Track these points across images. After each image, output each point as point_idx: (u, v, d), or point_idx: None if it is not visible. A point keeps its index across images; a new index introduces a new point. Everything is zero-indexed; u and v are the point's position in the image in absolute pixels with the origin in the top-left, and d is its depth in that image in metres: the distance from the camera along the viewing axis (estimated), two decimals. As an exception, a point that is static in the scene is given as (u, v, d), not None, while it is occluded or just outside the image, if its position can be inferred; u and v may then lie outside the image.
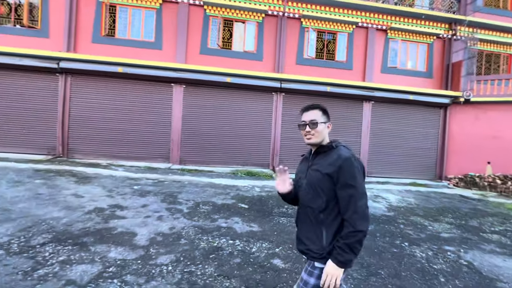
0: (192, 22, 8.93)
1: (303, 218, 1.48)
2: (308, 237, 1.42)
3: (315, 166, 1.44)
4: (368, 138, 9.68)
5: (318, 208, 1.37)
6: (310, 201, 1.41)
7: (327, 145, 1.45)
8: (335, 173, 1.32)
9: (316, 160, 1.46)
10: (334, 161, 1.34)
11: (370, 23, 9.68)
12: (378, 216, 5.19)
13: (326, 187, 1.35)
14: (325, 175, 1.35)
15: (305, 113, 1.49)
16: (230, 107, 8.97)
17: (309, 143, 1.48)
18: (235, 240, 3.53)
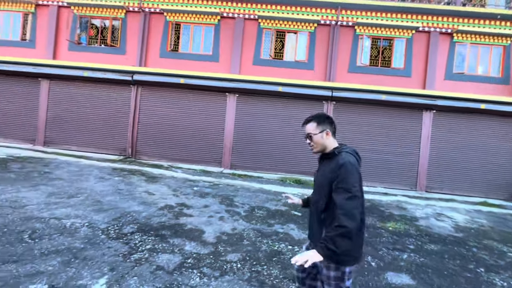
0: (246, 35, 9.47)
1: (311, 216, 1.68)
2: (313, 232, 1.64)
3: (321, 170, 1.63)
4: (428, 150, 8.92)
5: (320, 208, 1.54)
6: (316, 201, 1.60)
7: (330, 152, 1.58)
8: (334, 178, 1.45)
9: (322, 166, 1.65)
10: (335, 167, 1.47)
11: (433, 26, 9.03)
12: (444, 236, 4.78)
13: (327, 191, 1.49)
14: (327, 180, 1.50)
15: (304, 126, 1.67)
16: (280, 116, 9.18)
17: (314, 152, 1.67)
18: (294, 246, 3.64)
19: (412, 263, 3.51)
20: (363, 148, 9.02)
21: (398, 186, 8.97)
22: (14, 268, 2.37)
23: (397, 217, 5.72)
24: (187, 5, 9.52)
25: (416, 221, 5.58)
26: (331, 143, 1.64)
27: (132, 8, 9.72)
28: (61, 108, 9.71)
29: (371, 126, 9.03)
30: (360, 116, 9.06)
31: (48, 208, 3.99)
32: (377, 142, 9.00)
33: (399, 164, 9.00)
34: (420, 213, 6.28)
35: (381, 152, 8.99)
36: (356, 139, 9.04)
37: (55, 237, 3.08)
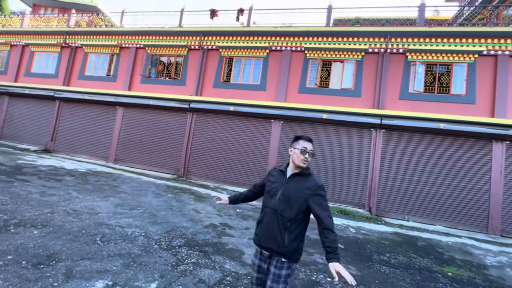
0: (293, 66, 9.96)
1: (271, 221, 1.81)
2: (274, 238, 1.78)
3: (293, 184, 1.84)
4: (501, 187, 7.70)
5: (288, 217, 1.77)
6: (282, 211, 1.79)
7: (305, 172, 1.86)
8: (313, 195, 1.77)
9: (294, 180, 1.85)
10: (312, 186, 1.80)
11: (500, 49, 8.22)
12: (523, 292, 4.00)
13: (299, 203, 1.77)
14: (303, 195, 1.78)
15: (309, 143, 1.88)
16: (325, 143, 9.12)
17: (302, 166, 1.84)
18: (333, 279, 3.50)
19: (475, 318, 3.04)
20: (416, 180, 8.29)
21: (463, 227, 7.82)
22: (88, 264, 2.86)
23: (459, 262, 5.00)
24: (239, 41, 10.57)
25: (484, 269, 4.79)
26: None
27: (193, 47, 11.20)
28: (130, 131, 11.34)
29: (426, 157, 8.28)
30: (414, 145, 8.43)
31: (115, 217, 4.65)
32: (433, 174, 8.16)
33: (464, 201, 7.92)
34: (491, 261, 5.36)
35: (438, 185, 8.10)
36: (408, 169, 8.38)
37: (119, 242, 3.59)
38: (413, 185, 8.31)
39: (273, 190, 1.90)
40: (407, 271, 4.21)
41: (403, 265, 4.43)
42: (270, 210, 1.86)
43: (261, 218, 1.91)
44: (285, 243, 1.76)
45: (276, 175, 1.97)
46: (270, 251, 1.82)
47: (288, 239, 1.77)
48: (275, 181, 1.93)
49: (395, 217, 8.28)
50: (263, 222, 1.88)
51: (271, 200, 1.88)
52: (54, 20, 14.76)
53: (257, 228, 1.94)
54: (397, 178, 8.43)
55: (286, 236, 1.77)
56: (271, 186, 1.92)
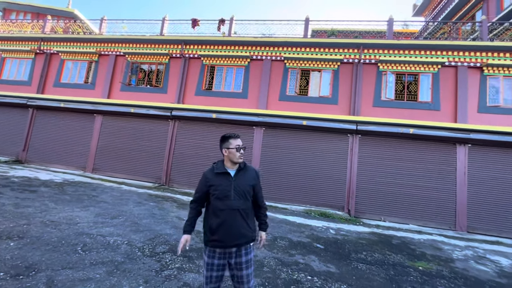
0: (273, 74, 10.31)
1: (235, 219, 1.95)
2: (242, 232, 1.96)
3: (240, 179, 2.04)
4: (465, 187, 8.37)
5: (247, 208, 2.02)
6: (241, 205, 1.98)
7: (244, 165, 2.12)
8: (255, 180, 2.11)
9: (239, 176, 2.05)
10: (254, 175, 2.13)
11: (460, 61, 9.06)
12: (483, 281, 4.40)
13: (251, 193, 2.07)
14: (251, 185, 2.07)
15: (239, 139, 2.11)
16: (305, 148, 9.45)
17: (239, 162, 2.07)
18: (313, 277, 3.69)
19: (440, 305, 3.34)
20: (390, 182, 8.79)
21: (434, 225, 8.37)
22: (70, 274, 2.84)
23: (429, 257, 5.38)
24: (221, 50, 10.80)
25: (451, 263, 5.19)
26: None
27: (174, 55, 11.27)
28: (109, 139, 11.08)
29: (399, 160, 8.84)
30: (387, 150, 8.97)
31: (96, 226, 4.58)
32: (406, 176, 8.72)
33: (433, 201, 8.50)
34: (458, 255, 5.81)
35: (410, 186, 8.65)
36: (383, 172, 8.87)
37: (101, 251, 3.56)
38: (388, 187, 8.80)
39: (223, 192, 1.94)
40: (382, 267, 4.49)
41: (378, 262, 4.71)
42: (228, 211, 1.91)
43: (219, 222, 1.90)
44: (252, 228, 2.04)
45: (216, 178, 2.01)
46: (239, 245, 1.94)
47: (251, 224, 2.05)
48: (220, 183, 1.97)
49: (372, 218, 8.69)
50: (224, 226, 1.89)
51: (224, 202, 1.93)
52: (28, 26, 14.24)
53: (213, 235, 1.91)
54: (373, 180, 8.89)
55: (249, 224, 2.02)
56: (218, 190, 1.95)
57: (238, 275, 1.94)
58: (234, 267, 1.94)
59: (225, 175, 2.02)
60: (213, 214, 1.95)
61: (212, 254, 1.94)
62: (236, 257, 1.94)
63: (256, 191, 2.13)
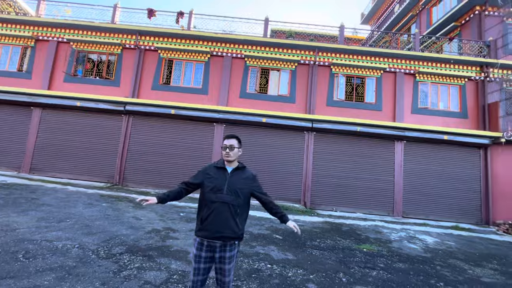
0: (234, 71, 10.37)
1: (223, 213, 2.03)
2: (229, 226, 2.02)
3: (235, 177, 2.15)
4: (401, 178, 9.62)
5: (237, 205, 2.07)
6: (232, 201, 2.05)
7: (241, 166, 2.24)
8: (251, 183, 2.19)
9: (235, 174, 2.17)
10: (250, 176, 2.22)
11: (398, 68, 10.29)
12: (413, 256, 5.19)
13: (244, 192, 2.13)
14: (246, 185, 2.15)
15: (226, 139, 2.20)
16: (265, 145, 9.78)
17: (227, 160, 2.17)
18: (272, 265, 3.94)
19: (379, 279, 3.87)
20: (341, 175, 9.63)
21: (377, 212, 9.45)
22: (13, 283, 2.58)
23: (372, 240, 6.11)
24: (180, 44, 10.45)
25: (389, 243, 5.98)
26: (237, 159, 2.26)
27: (128, 45, 10.54)
28: (51, 136, 9.92)
29: (348, 155, 9.75)
30: (338, 146, 9.80)
31: (39, 231, 4.15)
32: (354, 169, 9.66)
33: (376, 191, 9.58)
34: (395, 236, 6.71)
35: (358, 179, 9.61)
36: (335, 167, 9.68)
37: (48, 256, 3.28)
38: (339, 180, 9.64)
39: (217, 186, 2.09)
40: (333, 251, 4.98)
41: (330, 247, 5.20)
42: (219, 203, 2.04)
43: (209, 213, 2.05)
44: (239, 227, 2.07)
45: (215, 172, 2.17)
46: (225, 239, 2.03)
47: (240, 223, 2.09)
48: (217, 177, 2.14)
49: (325, 208, 9.44)
50: (212, 217, 2.03)
51: (216, 195, 2.07)
52: None
53: (202, 224, 2.06)
54: (326, 174, 9.64)
55: (238, 221, 2.07)
56: (214, 183, 2.11)
57: (221, 267, 2.04)
58: (218, 260, 2.04)
59: (223, 170, 2.18)
60: (205, 205, 2.09)
61: (200, 247, 2.03)
62: (220, 251, 2.03)
63: (258, 194, 2.21)
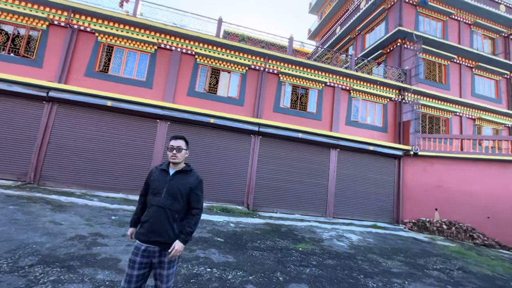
0: (183, 68, 9.94)
1: (160, 217, 1.96)
2: (165, 231, 1.94)
3: (177, 180, 2.05)
4: (334, 182, 10.67)
5: (175, 210, 1.99)
6: (170, 205, 1.97)
7: (187, 169, 2.13)
8: (194, 188, 2.07)
9: (178, 177, 2.07)
10: (194, 181, 2.09)
11: (337, 83, 11.44)
12: (340, 253, 5.79)
13: (184, 197, 2.04)
14: (187, 189, 2.04)
15: (174, 140, 2.11)
16: (211, 146, 9.62)
17: (174, 162, 2.08)
18: (212, 269, 3.88)
19: (312, 275, 4.19)
20: (283, 178, 10.15)
21: (312, 213, 10.25)
22: None
23: (307, 240, 6.59)
24: (123, 30, 9.51)
25: (321, 242, 6.55)
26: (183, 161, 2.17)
27: (57, 22, 9.08)
28: None
29: (290, 160, 10.35)
30: (282, 150, 10.32)
31: None
32: (294, 173, 10.30)
33: (313, 194, 10.40)
34: (326, 236, 7.37)
35: (297, 182, 10.28)
36: (277, 170, 10.14)
37: None
38: (281, 183, 10.13)
39: (157, 189, 2.01)
40: (272, 251, 5.18)
41: (269, 248, 5.41)
42: (156, 207, 1.96)
43: (148, 217, 1.97)
44: (176, 233, 1.98)
45: (158, 174, 2.08)
46: (161, 244, 1.93)
47: (178, 229, 2.00)
48: (158, 179, 2.05)
49: (267, 210, 9.79)
50: (150, 220, 1.95)
51: (155, 198, 1.99)
52: None
53: (141, 228, 1.99)
54: (269, 177, 10.02)
55: (175, 227, 1.99)
56: (155, 185, 2.03)
57: (160, 273, 1.95)
58: (157, 265, 1.95)
59: (165, 173, 2.08)
60: (146, 209, 2.04)
61: (136, 251, 1.93)
62: (160, 256, 1.95)
63: (192, 197, 2.09)
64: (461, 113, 13.23)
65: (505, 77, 14.61)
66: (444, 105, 12.88)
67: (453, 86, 13.53)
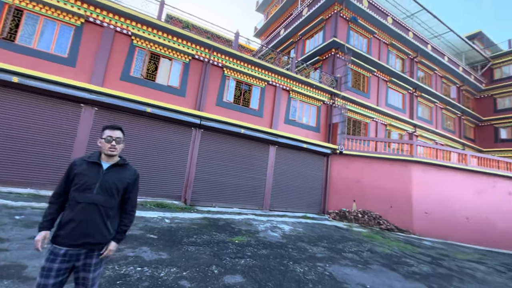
0: (116, 48, 8.87)
1: (91, 215, 1.76)
2: (99, 230, 1.77)
3: (112, 175, 1.87)
4: (272, 177, 11.26)
5: (110, 207, 1.84)
6: (104, 202, 1.80)
7: (123, 162, 1.98)
8: (131, 183, 1.97)
9: (113, 171, 1.89)
10: (131, 176, 1.97)
11: (278, 83, 12.00)
12: (273, 243, 6.18)
13: (120, 193, 1.91)
14: (123, 184, 1.92)
15: (115, 131, 1.92)
16: (147, 138, 8.93)
17: (111, 155, 1.90)
18: (143, 267, 3.66)
19: (246, 266, 4.37)
20: (222, 173, 10.19)
21: (250, 206, 10.61)
22: None
23: (244, 232, 6.81)
24: (38, -7, 7.89)
25: (257, 234, 6.86)
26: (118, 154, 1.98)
27: None
28: None
29: (230, 154, 10.45)
30: (223, 145, 10.32)
31: None
32: (234, 168, 10.46)
33: (251, 188, 10.76)
34: (262, 227, 7.75)
35: (237, 177, 10.47)
36: (217, 165, 10.12)
37: None
38: (220, 177, 10.14)
39: (86, 184, 1.79)
40: (208, 246, 5.18)
41: (206, 242, 5.39)
42: (85, 205, 1.76)
43: (72, 216, 1.74)
44: (110, 232, 1.84)
45: (86, 168, 1.85)
46: (92, 246, 1.76)
47: (112, 227, 1.85)
48: (87, 173, 1.83)
49: (205, 205, 9.69)
50: (77, 219, 1.73)
51: (84, 194, 1.77)
52: None
53: (62, 230, 1.73)
54: (209, 172, 9.91)
55: (109, 225, 1.83)
56: (83, 180, 1.80)
57: (84, 276, 1.74)
58: (81, 268, 1.74)
59: (96, 166, 1.87)
60: (69, 207, 1.78)
61: (53, 257, 1.68)
62: (86, 258, 1.75)
63: (128, 194, 1.95)
64: (377, 119, 15.58)
65: (409, 92, 17.82)
66: (365, 111, 14.94)
67: (372, 95, 15.79)
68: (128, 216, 1.96)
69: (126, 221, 1.95)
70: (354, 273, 4.84)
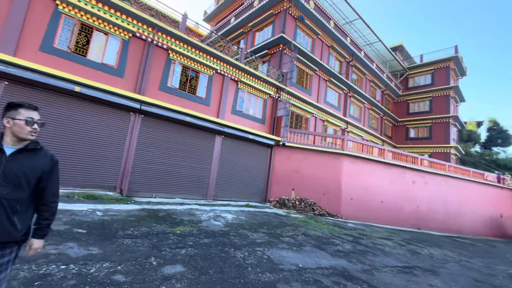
0: (34, 11, 7.40)
1: None
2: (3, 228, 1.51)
3: (20, 161, 1.57)
4: (217, 166, 11.26)
5: (17, 201, 1.55)
6: (8, 194, 1.51)
7: (35, 147, 1.66)
8: (48, 171, 1.67)
9: (21, 157, 1.58)
10: (47, 162, 1.67)
11: (226, 72, 11.89)
12: (216, 231, 6.28)
13: (32, 182, 1.61)
14: (38, 172, 1.62)
15: (33, 111, 1.63)
16: (74, 121, 7.83)
17: (30, 139, 1.63)
18: (68, 265, 3.32)
19: (187, 255, 4.36)
20: (164, 162, 9.73)
21: (193, 196, 10.44)
22: None
23: (186, 222, 6.71)
24: None
25: (200, 223, 6.84)
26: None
27: None
28: None
29: (174, 143, 10.02)
30: (165, 133, 9.80)
31: None
32: (178, 157, 10.08)
33: (195, 178, 10.57)
34: (205, 217, 7.75)
35: (180, 166, 10.13)
36: (159, 153, 9.60)
37: None
38: (161, 167, 9.66)
39: None
40: (147, 238, 4.96)
41: (144, 234, 5.14)
42: None
43: None
44: (18, 228, 1.57)
45: None
46: None
47: (21, 223, 1.59)
48: None
49: (144, 195, 9.14)
50: None
51: None
52: None
53: None
54: (149, 160, 9.33)
55: (16, 221, 1.57)
56: None
57: None
58: None
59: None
60: None
61: None
62: None
63: (44, 183, 1.67)
64: (316, 115, 16.94)
65: (344, 92, 19.83)
66: (307, 106, 16.07)
67: (314, 93, 17.04)
68: (49, 208, 1.71)
69: (47, 214, 1.71)
70: (289, 255, 5.31)
